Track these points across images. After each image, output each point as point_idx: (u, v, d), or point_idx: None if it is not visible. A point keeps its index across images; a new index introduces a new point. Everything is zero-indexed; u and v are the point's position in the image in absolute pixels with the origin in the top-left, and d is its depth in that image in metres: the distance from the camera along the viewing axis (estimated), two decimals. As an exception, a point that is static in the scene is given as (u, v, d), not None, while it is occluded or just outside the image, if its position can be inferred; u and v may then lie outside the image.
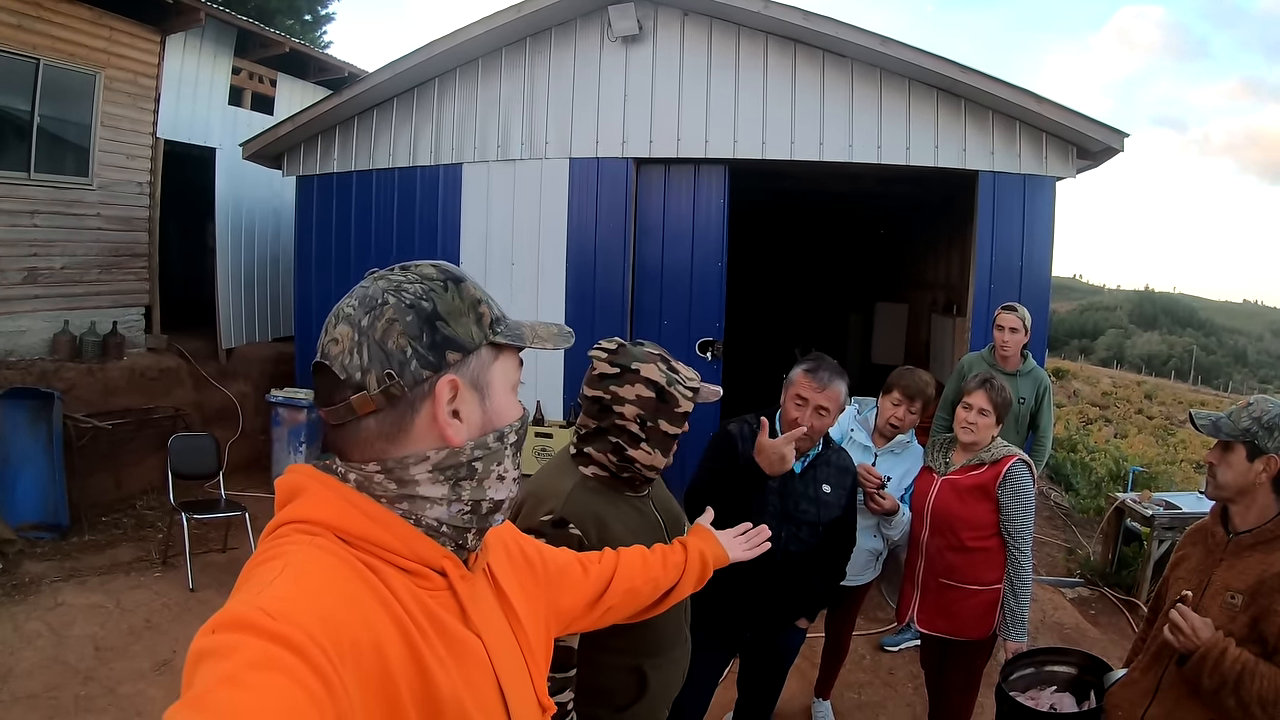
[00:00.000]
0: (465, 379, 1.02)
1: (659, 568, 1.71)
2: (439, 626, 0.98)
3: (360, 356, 0.98)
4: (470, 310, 1.04)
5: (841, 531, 3.15)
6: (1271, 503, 2.24)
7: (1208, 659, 2.09)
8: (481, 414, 1.05)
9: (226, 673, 0.74)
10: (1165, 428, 22.59)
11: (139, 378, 7.77)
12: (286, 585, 0.85)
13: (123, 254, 8.25)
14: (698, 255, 7.37)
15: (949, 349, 8.82)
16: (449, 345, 1.01)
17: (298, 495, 1.00)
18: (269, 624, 0.78)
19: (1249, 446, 2.23)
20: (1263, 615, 2.10)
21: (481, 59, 7.55)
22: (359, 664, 0.84)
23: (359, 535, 0.96)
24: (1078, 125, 6.34)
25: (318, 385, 1.03)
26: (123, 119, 8.08)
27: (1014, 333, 4.84)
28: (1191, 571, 2.37)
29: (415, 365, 0.99)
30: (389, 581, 0.95)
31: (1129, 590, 6.19)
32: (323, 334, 1.03)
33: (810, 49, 6.84)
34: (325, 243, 8.17)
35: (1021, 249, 6.74)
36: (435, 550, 1.02)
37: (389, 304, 1.00)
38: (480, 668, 1.03)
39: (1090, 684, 3.09)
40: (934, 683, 3.73)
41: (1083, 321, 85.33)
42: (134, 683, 4.20)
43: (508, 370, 1.09)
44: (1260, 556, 2.18)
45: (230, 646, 0.76)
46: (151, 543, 6.19)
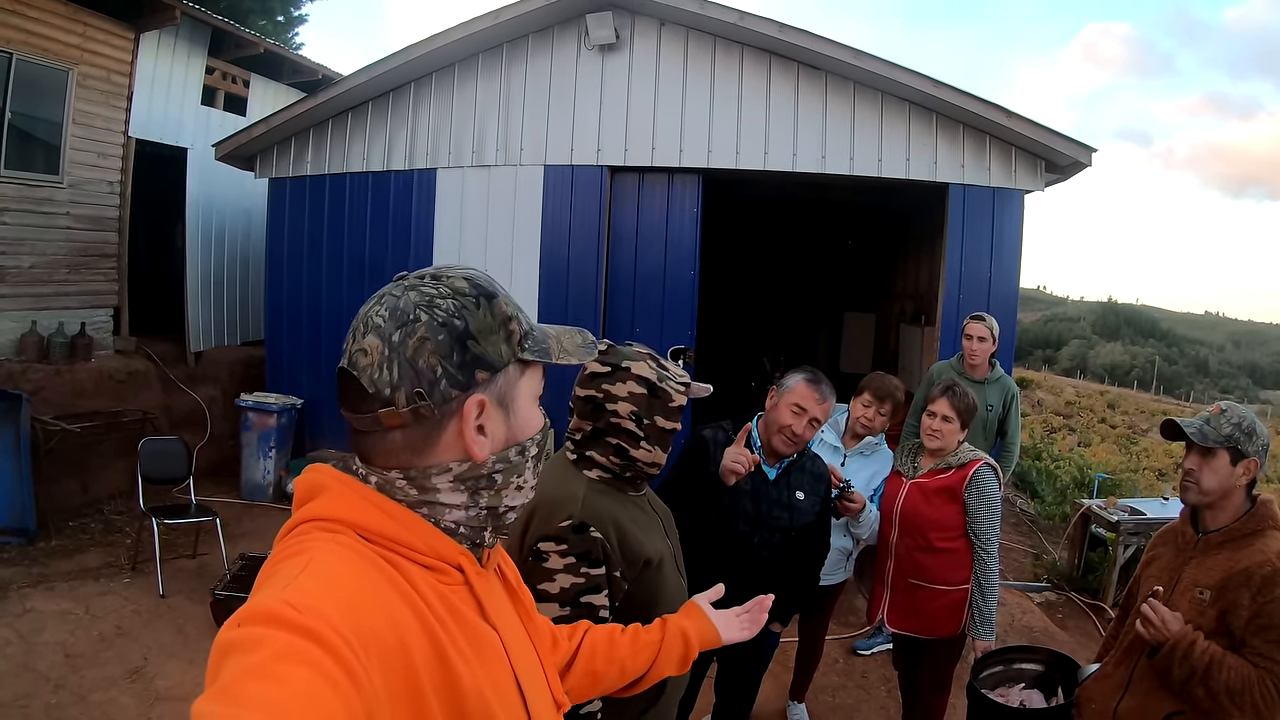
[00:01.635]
0: (492, 396, 1.03)
1: (627, 650, 1.61)
2: (459, 620, 1.00)
3: (390, 372, 0.98)
4: (501, 328, 1.05)
5: (815, 537, 3.20)
6: (1243, 503, 2.34)
7: (1177, 650, 2.18)
8: (506, 429, 1.06)
9: (253, 665, 0.75)
10: (1128, 436, 22.94)
11: (107, 380, 7.68)
12: (311, 580, 0.86)
13: (92, 254, 8.15)
14: (670, 263, 7.42)
15: (917, 358, 8.93)
16: (479, 364, 1.02)
17: (318, 494, 1.01)
18: (295, 617, 0.79)
19: (1232, 452, 2.30)
20: (1230, 609, 2.19)
21: (458, 64, 7.56)
22: (383, 657, 0.85)
23: (379, 532, 0.97)
24: (1046, 140, 6.48)
25: (343, 390, 1.03)
26: (95, 117, 8.00)
27: (982, 342, 4.93)
28: (1162, 569, 2.46)
29: (445, 384, 0.99)
30: (410, 576, 0.96)
31: (1095, 594, 6.32)
32: (349, 339, 1.03)
33: (785, 61, 6.93)
34: (297, 246, 8.13)
35: (990, 260, 6.86)
36: (452, 547, 1.04)
37: (421, 321, 1.00)
38: (499, 661, 1.05)
39: (1058, 681, 3.18)
40: (907, 683, 3.80)
41: (1046, 332, 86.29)
42: (105, 690, 4.14)
43: (533, 384, 1.10)
44: (1228, 554, 2.27)
45: (256, 639, 0.77)
46: (121, 548, 6.10)
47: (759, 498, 3.00)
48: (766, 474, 3.03)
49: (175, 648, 4.64)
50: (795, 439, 2.93)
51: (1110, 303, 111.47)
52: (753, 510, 2.98)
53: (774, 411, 2.98)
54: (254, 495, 7.55)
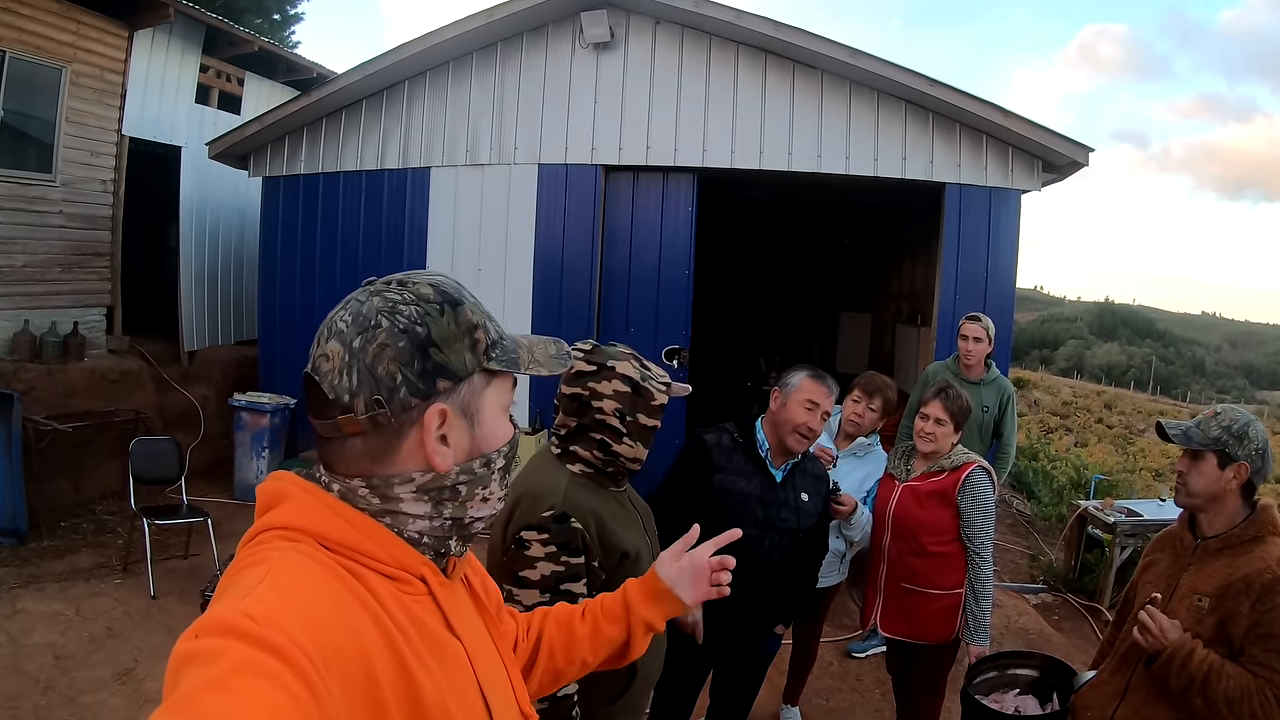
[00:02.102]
0: (455, 406, 1.02)
1: (587, 647, 1.52)
2: (422, 631, 0.98)
3: (349, 379, 0.97)
4: (465, 336, 1.03)
5: (817, 539, 3.20)
6: (1239, 508, 2.31)
7: (1175, 659, 2.16)
8: (470, 440, 1.04)
9: (211, 677, 0.74)
10: (1125, 437, 22.95)
11: (100, 380, 7.64)
12: (270, 590, 0.85)
13: (85, 253, 8.12)
14: (665, 263, 7.40)
15: (913, 358, 8.91)
16: (440, 373, 1.00)
17: (280, 502, 0.99)
18: (253, 628, 0.78)
19: (1220, 455, 2.29)
20: (1229, 617, 2.16)
21: (452, 63, 7.53)
22: (343, 668, 0.84)
23: (340, 541, 0.96)
24: (1043, 139, 6.47)
25: (308, 394, 1.02)
26: (88, 115, 7.96)
27: (978, 342, 4.91)
28: (1160, 575, 2.43)
29: (405, 393, 0.98)
30: (372, 586, 0.95)
31: (1091, 596, 6.31)
32: (314, 344, 1.02)
33: (781, 60, 6.91)
34: (290, 245, 8.09)
35: (987, 260, 6.85)
36: (415, 558, 1.02)
37: (382, 327, 0.98)
38: (463, 672, 1.03)
39: (1052, 686, 3.16)
40: (900, 687, 3.78)
41: (1043, 332, 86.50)
42: (95, 692, 4.11)
43: (500, 394, 1.08)
44: (1227, 561, 2.25)
45: (214, 651, 0.76)
46: (112, 549, 6.06)
47: (767, 501, 2.99)
48: (774, 476, 3.02)
49: (166, 649, 4.48)
50: (811, 434, 2.95)
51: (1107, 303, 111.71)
52: (762, 514, 2.96)
53: (785, 411, 2.97)
54: (246, 495, 7.51)
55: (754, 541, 2.94)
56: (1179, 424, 2.40)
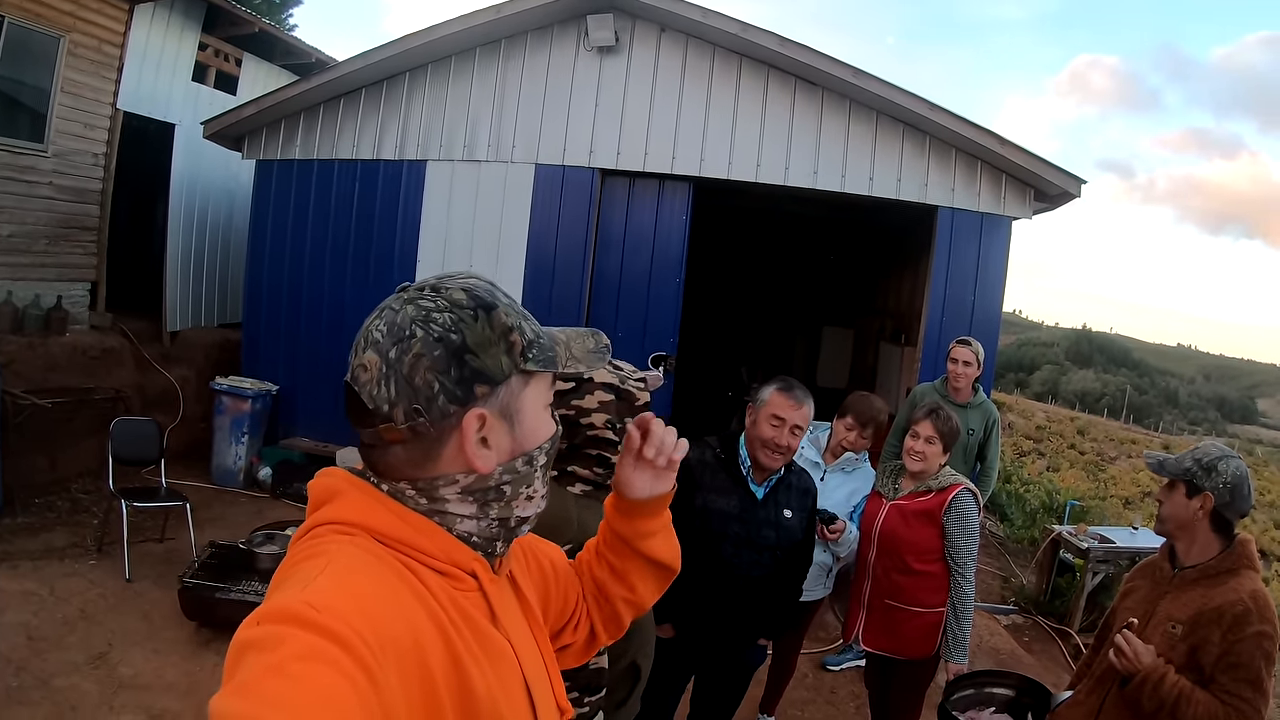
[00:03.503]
0: (494, 409, 1.02)
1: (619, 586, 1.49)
2: (473, 626, 1.00)
3: (387, 389, 0.98)
4: (501, 340, 1.02)
5: (801, 554, 3.21)
6: (1212, 540, 2.40)
7: (1148, 682, 2.25)
8: (511, 441, 1.05)
9: (272, 663, 0.75)
10: (1096, 463, 23.22)
11: (81, 355, 7.55)
12: (330, 581, 0.87)
13: (72, 226, 8.02)
14: (656, 269, 7.42)
15: (896, 376, 8.99)
16: (477, 379, 1.00)
17: (333, 498, 1.01)
18: (315, 617, 0.80)
19: (1188, 485, 2.40)
20: (1200, 645, 2.25)
21: (455, 57, 7.52)
22: (400, 659, 0.86)
23: (394, 537, 0.98)
24: (1037, 169, 6.54)
25: (349, 403, 1.03)
26: (84, 86, 7.87)
27: (967, 366, 4.96)
28: (1139, 602, 2.51)
29: (443, 400, 0.98)
30: (425, 581, 0.97)
31: (1062, 619, 6.40)
32: (352, 354, 1.03)
33: (783, 74, 6.95)
34: (281, 230, 8.04)
35: (975, 285, 6.92)
36: (466, 553, 1.04)
37: (417, 336, 0.99)
38: (510, 668, 1.05)
39: (1027, 707, 3.21)
40: (877, 702, 3.82)
41: (1020, 356, 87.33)
42: (68, 675, 4.06)
43: (540, 393, 1.09)
44: (1202, 590, 2.34)
45: (276, 638, 0.78)
46: (87, 529, 5.98)
47: (748, 520, 2.99)
48: (755, 494, 3.02)
49: (140, 635, 4.56)
50: (780, 449, 2.92)
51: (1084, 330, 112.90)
52: (741, 532, 2.97)
53: (754, 427, 2.96)
54: (224, 481, 7.46)
55: (732, 560, 2.96)
56: (1159, 454, 2.51)
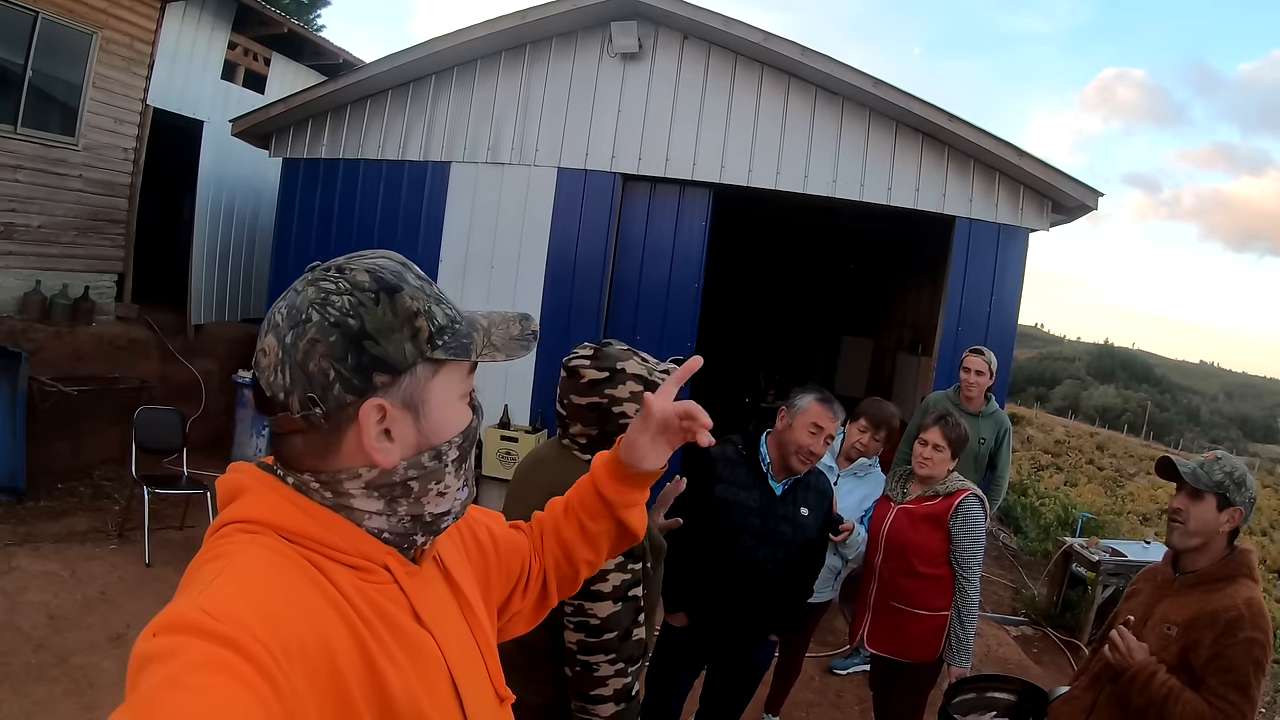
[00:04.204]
0: (396, 399, 0.96)
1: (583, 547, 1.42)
2: (389, 622, 0.96)
3: (283, 376, 0.94)
4: (404, 326, 0.96)
5: (814, 552, 3.28)
6: (1222, 550, 2.43)
7: (1138, 679, 2.29)
8: (416, 434, 0.99)
9: (170, 675, 0.72)
10: (1115, 479, 23.03)
11: (107, 345, 7.71)
12: (228, 584, 0.83)
13: (101, 219, 8.19)
14: (676, 275, 7.47)
15: (912, 386, 8.99)
16: (377, 367, 0.94)
17: (240, 495, 0.97)
18: (211, 625, 0.77)
19: (1219, 498, 2.39)
20: (1192, 647, 2.29)
21: (480, 61, 7.61)
22: (306, 662, 0.83)
23: (300, 533, 0.94)
24: (1055, 181, 6.56)
25: (255, 391, 1.00)
26: (115, 82, 8.04)
27: (980, 375, 4.98)
28: (1139, 604, 2.55)
29: (339, 389, 0.93)
30: (334, 578, 0.93)
31: (1072, 632, 6.38)
32: (257, 338, 0.99)
33: (804, 83, 7.00)
34: (306, 228, 8.15)
35: (991, 296, 6.93)
36: (377, 548, 1.00)
37: (313, 321, 0.93)
38: (433, 663, 1.01)
39: (1029, 712, 3.23)
40: (881, 705, 3.85)
41: (1041, 370, 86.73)
42: (86, 654, 4.16)
43: (451, 383, 1.02)
44: (1200, 595, 2.37)
45: (173, 649, 0.75)
46: (108, 514, 6.12)
47: (766, 514, 3.06)
48: (774, 490, 3.10)
49: (159, 617, 4.65)
50: (813, 457, 3.02)
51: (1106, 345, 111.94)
52: (759, 526, 3.04)
53: (790, 432, 3.04)
54: (244, 472, 7.56)
55: (749, 552, 3.03)
56: (1188, 463, 2.49)
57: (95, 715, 3.70)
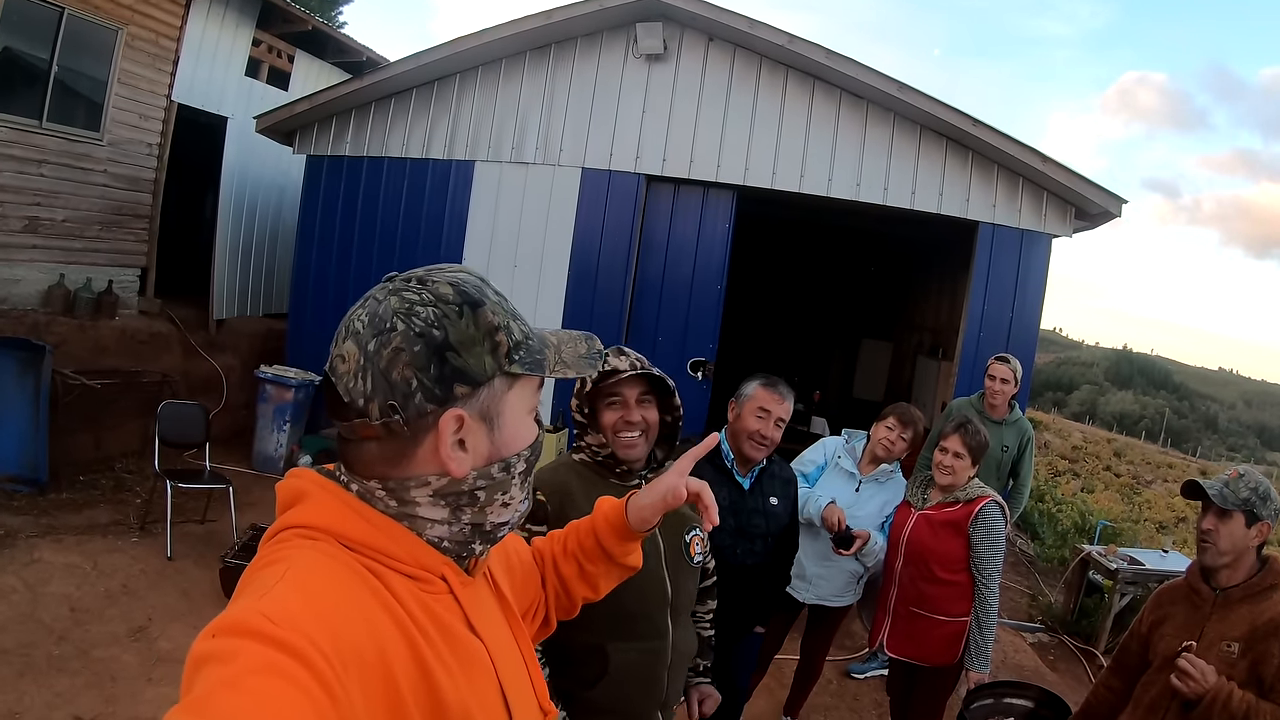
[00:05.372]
0: (474, 411, 0.98)
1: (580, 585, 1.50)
2: (444, 631, 0.97)
3: (364, 382, 0.95)
4: (485, 339, 0.98)
5: (788, 539, 3.33)
6: (1253, 562, 2.45)
7: (1216, 702, 2.29)
8: (489, 445, 1.00)
9: (227, 677, 0.74)
10: (1131, 486, 22.90)
11: (129, 339, 7.76)
12: (288, 590, 0.84)
13: (125, 213, 8.25)
14: (698, 276, 7.47)
15: (932, 390, 8.96)
16: (458, 378, 0.96)
17: (299, 500, 0.98)
18: (270, 629, 0.78)
19: (1247, 515, 2.41)
20: (1262, 659, 2.30)
21: (505, 60, 7.63)
22: (362, 669, 0.84)
23: (360, 541, 0.95)
24: (1079, 188, 6.52)
25: (326, 394, 1.01)
26: (140, 78, 8.09)
27: (1005, 383, 4.96)
28: (1180, 628, 2.53)
29: (420, 398, 0.95)
30: (392, 586, 0.94)
31: (1088, 639, 6.35)
32: (333, 344, 1.00)
33: (829, 86, 6.98)
34: (329, 224, 8.19)
35: (1013, 301, 6.90)
36: (436, 557, 1.01)
37: (397, 330, 0.95)
38: (484, 673, 1.02)
39: (1046, 719, 3.23)
40: (899, 708, 3.85)
41: (1059, 375, 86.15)
42: (107, 647, 4.19)
43: (524, 398, 1.04)
44: (1249, 608, 2.39)
45: (231, 651, 0.76)
46: (130, 507, 6.17)
47: (738, 510, 3.10)
48: (741, 485, 3.13)
49: (180, 610, 4.70)
50: (765, 441, 3.04)
51: (1125, 351, 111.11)
52: (734, 523, 3.08)
53: (739, 421, 3.09)
54: (265, 467, 7.62)
55: (728, 550, 3.05)
56: (1214, 484, 2.49)
57: (116, 708, 3.74)
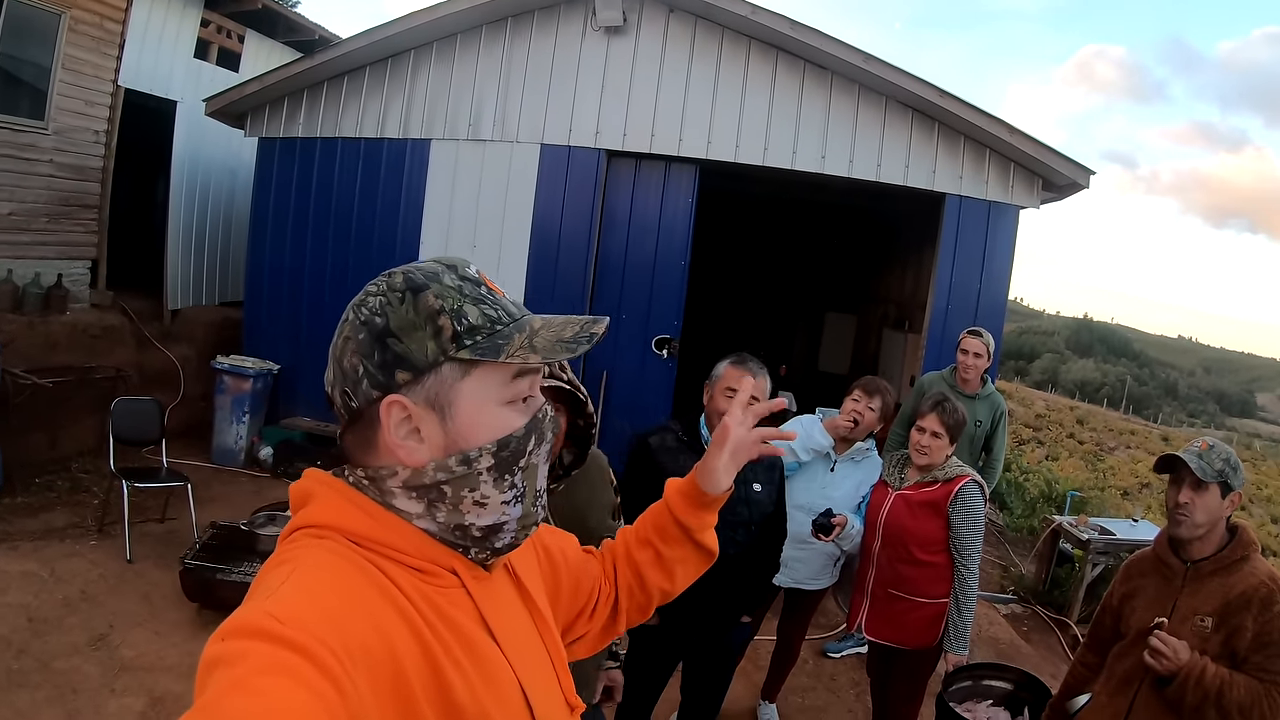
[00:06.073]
0: (419, 399, 0.96)
1: (657, 574, 1.43)
2: (454, 629, 0.95)
3: (330, 372, 1.00)
4: (426, 324, 0.96)
5: (774, 526, 3.23)
6: (1223, 532, 2.45)
7: (1190, 678, 2.27)
8: (443, 435, 0.97)
9: (236, 679, 0.74)
10: (1095, 453, 23.24)
11: (81, 334, 7.51)
12: (294, 589, 0.85)
13: (73, 204, 7.96)
14: (661, 252, 7.38)
15: (899, 363, 8.97)
16: (399, 364, 0.95)
17: (308, 501, 0.99)
18: (277, 629, 0.78)
19: (1222, 486, 2.40)
20: (1235, 633, 2.30)
21: (460, 35, 7.44)
22: (370, 666, 0.83)
23: (366, 536, 0.95)
24: (1046, 159, 6.50)
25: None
26: (85, 63, 7.78)
27: (978, 358, 4.93)
28: (1152, 601, 2.51)
29: (366, 385, 0.96)
30: (399, 582, 0.93)
31: (1061, 609, 6.39)
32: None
33: (792, 58, 6.89)
34: (283, 208, 7.98)
35: (981, 273, 6.89)
36: (443, 551, 1.00)
37: (348, 320, 0.99)
38: (500, 669, 1.00)
39: (1025, 701, 3.21)
40: (879, 691, 3.81)
41: (1020, 344, 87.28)
42: (68, 658, 4.03)
43: (485, 386, 0.98)
44: (1220, 580, 2.38)
45: (239, 653, 0.76)
46: (87, 508, 5.96)
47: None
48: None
49: (141, 616, 4.54)
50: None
51: (1085, 320, 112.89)
52: None
53: (712, 402, 3.02)
54: (225, 460, 7.44)
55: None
56: (1192, 457, 2.45)
57: (78, 722, 3.60)
